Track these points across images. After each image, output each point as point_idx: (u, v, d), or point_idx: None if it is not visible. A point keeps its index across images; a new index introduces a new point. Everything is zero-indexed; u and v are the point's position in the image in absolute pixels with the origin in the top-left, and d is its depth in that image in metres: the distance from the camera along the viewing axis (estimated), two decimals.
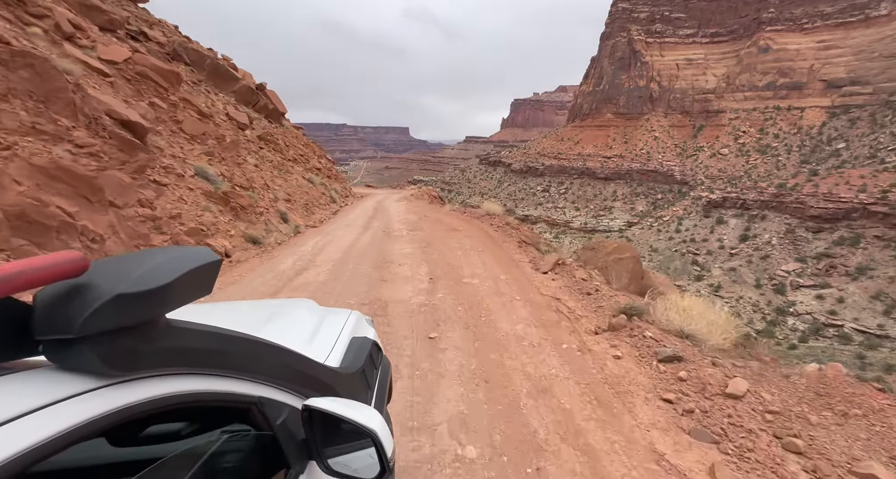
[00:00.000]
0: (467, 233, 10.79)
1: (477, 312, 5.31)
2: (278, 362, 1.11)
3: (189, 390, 0.81)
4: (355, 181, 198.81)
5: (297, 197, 14.39)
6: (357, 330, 1.96)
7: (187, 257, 0.77)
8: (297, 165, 19.69)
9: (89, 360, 0.64)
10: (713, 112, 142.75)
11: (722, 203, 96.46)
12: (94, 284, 0.66)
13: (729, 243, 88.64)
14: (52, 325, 0.63)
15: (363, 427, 1.00)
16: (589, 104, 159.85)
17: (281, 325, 1.76)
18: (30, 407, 0.57)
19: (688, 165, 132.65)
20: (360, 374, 1.60)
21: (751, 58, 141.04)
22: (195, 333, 0.84)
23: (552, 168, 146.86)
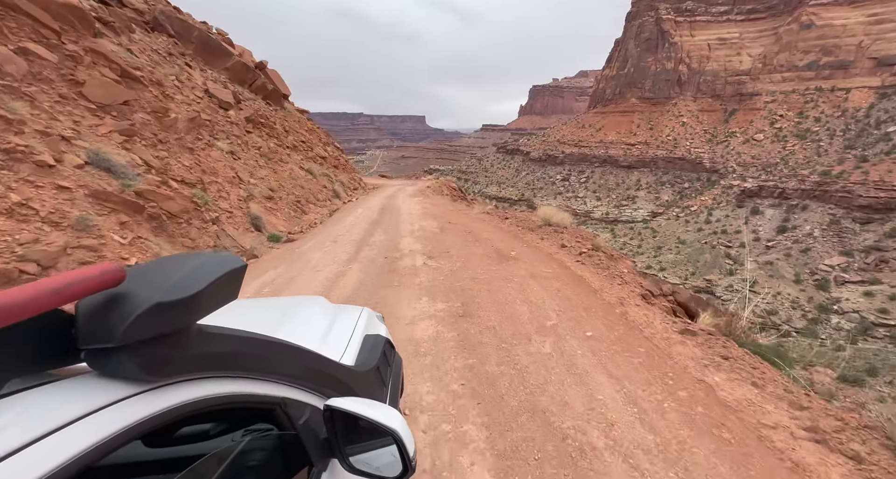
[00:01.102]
0: (532, 268, 6.52)
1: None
2: (300, 363, 1.14)
3: (219, 393, 0.83)
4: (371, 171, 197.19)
5: (287, 193, 11.25)
6: (369, 327, 1.94)
7: (215, 263, 0.78)
8: (295, 154, 16.53)
9: (129, 368, 0.67)
10: (747, 95, 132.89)
11: (758, 192, 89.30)
12: (131, 293, 0.68)
13: (765, 235, 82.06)
14: (94, 334, 0.66)
15: (385, 427, 1.01)
16: (612, 89, 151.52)
17: (295, 324, 1.76)
18: (81, 412, 0.60)
19: (718, 151, 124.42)
20: (374, 372, 1.59)
21: (791, 35, 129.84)
22: (224, 337, 0.87)
23: (572, 156, 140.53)
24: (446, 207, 14.52)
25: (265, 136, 15.08)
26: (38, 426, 0.54)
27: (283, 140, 16.77)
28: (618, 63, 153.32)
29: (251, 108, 15.40)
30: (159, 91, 7.79)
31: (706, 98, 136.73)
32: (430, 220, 11.08)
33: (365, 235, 8.99)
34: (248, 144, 12.25)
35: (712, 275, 77.97)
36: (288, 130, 18.51)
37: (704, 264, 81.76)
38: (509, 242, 8.44)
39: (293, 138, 18.17)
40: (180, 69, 13.10)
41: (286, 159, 14.56)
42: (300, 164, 15.39)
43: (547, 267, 6.73)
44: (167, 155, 6.67)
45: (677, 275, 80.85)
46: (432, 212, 12.70)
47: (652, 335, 4.20)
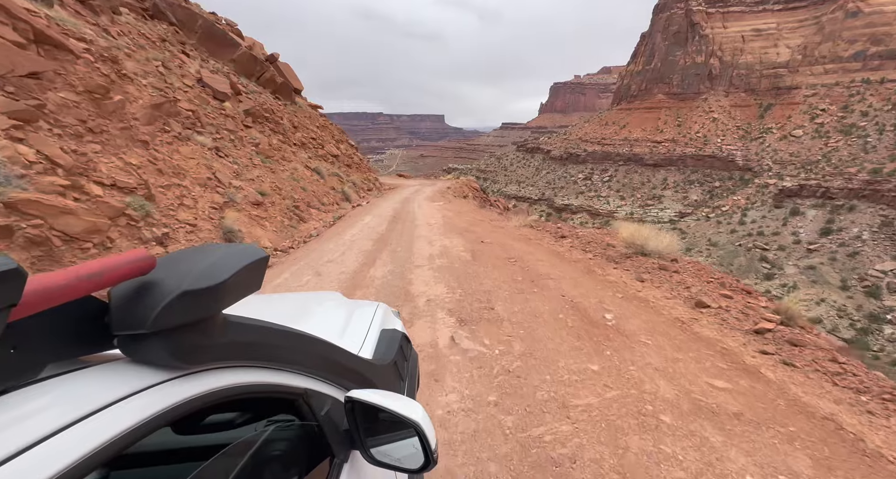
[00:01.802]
0: (677, 370, 3.42)
1: None
2: (322, 354, 1.14)
3: (244, 382, 0.84)
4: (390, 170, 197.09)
5: (283, 197, 9.38)
6: (386, 322, 1.94)
7: (239, 253, 0.79)
8: (303, 151, 14.70)
9: (160, 354, 0.68)
10: (784, 89, 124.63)
11: (798, 192, 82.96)
12: (160, 281, 0.69)
13: (806, 238, 75.97)
14: (126, 321, 0.67)
15: (407, 419, 1.01)
16: (637, 85, 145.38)
17: (313, 317, 1.77)
18: (116, 397, 0.61)
19: (752, 149, 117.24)
20: (392, 366, 1.60)
21: (835, 24, 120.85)
22: (249, 327, 0.88)
23: (595, 154, 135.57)
24: (473, 215, 11.86)
25: (269, 131, 13.31)
26: (75, 409, 0.55)
27: (290, 136, 14.99)
28: (644, 58, 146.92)
29: (254, 101, 13.68)
30: (111, 69, 6.00)
31: (739, 93, 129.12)
32: (455, 236, 8.35)
33: (363, 264, 6.37)
34: (243, 139, 10.46)
35: (747, 279, 72.64)
36: (297, 125, 16.77)
37: (739, 267, 76.37)
38: (588, 286, 5.37)
39: (302, 135, 16.40)
40: (171, 56, 11.43)
41: (290, 157, 12.72)
42: (306, 162, 13.55)
43: (715, 375, 3.34)
44: (99, 149, 4.84)
45: None
46: (456, 223, 10.12)
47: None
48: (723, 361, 3.60)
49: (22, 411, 0.52)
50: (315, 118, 19.61)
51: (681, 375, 3.33)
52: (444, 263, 6.45)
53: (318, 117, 20.03)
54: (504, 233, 9.05)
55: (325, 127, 20.18)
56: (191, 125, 8.24)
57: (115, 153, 5.05)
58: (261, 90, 16.53)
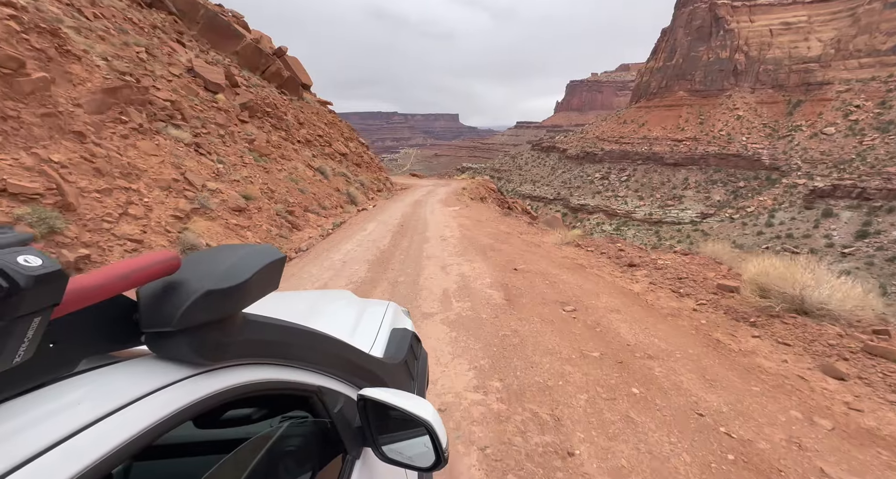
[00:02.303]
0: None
1: None
2: (335, 353, 1.16)
3: (261, 379, 0.86)
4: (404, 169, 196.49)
5: (276, 201, 8.03)
6: (396, 321, 1.95)
7: (259, 254, 0.81)
8: (307, 149, 13.39)
9: (184, 351, 0.71)
10: (815, 84, 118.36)
11: (831, 192, 78.09)
12: (185, 281, 0.71)
13: (840, 241, 71.36)
14: (154, 319, 0.69)
15: (418, 418, 1.02)
16: (658, 82, 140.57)
17: (324, 316, 1.77)
18: (145, 391, 0.64)
19: (780, 147, 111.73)
20: (403, 365, 1.60)
21: (872, 16, 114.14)
22: (267, 326, 0.90)
23: (612, 153, 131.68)
24: (496, 225, 9.95)
25: (269, 127, 12.03)
26: (107, 403, 0.58)
27: (294, 133, 13.68)
28: (664, 54, 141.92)
29: (255, 95, 12.40)
30: (49, 42, 4.68)
31: (766, 89, 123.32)
32: (477, 257, 6.51)
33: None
34: (234, 135, 9.15)
35: None
36: (302, 122, 15.48)
37: None
38: (731, 383, 3.08)
39: (307, 132, 15.10)
40: (160, 43, 10.19)
41: (291, 156, 11.39)
42: (309, 161, 12.21)
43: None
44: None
45: None
46: (476, 236, 8.25)
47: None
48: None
49: (60, 403, 0.55)
50: (323, 115, 18.31)
51: None
52: (465, 309, 4.42)
53: (326, 114, 18.74)
54: (542, 254, 6.87)
55: (334, 124, 18.86)
56: (166, 117, 6.94)
57: (26, 147, 3.74)
58: (264, 84, 15.28)
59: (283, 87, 17.14)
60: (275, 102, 13.84)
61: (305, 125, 15.61)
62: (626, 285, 5.31)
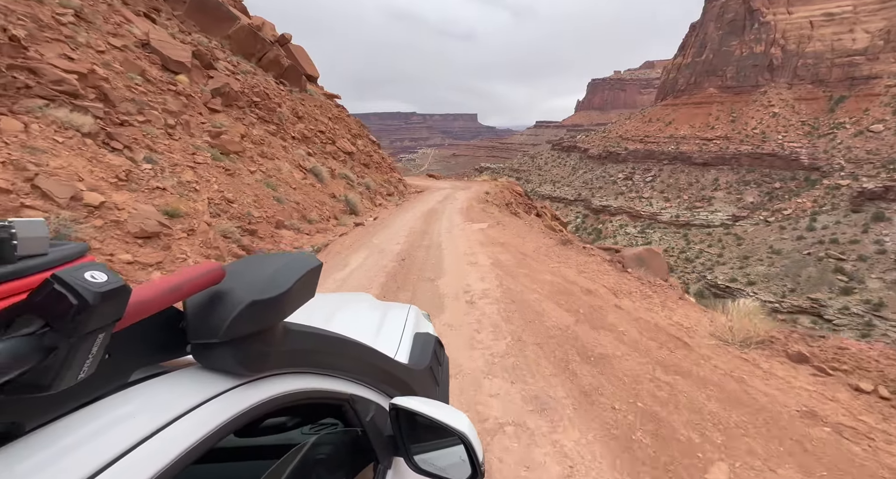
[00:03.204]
0: None
1: None
2: (365, 360, 1.15)
3: (300, 389, 0.85)
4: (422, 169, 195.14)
5: (226, 216, 5.69)
6: (419, 326, 1.90)
7: (297, 262, 0.80)
8: (302, 146, 11.10)
9: (229, 362, 0.70)
10: (861, 79, 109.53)
11: (882, 194, 71.18)
12: (230, 291, 0.71)
13: (894, 247, 64.65)
14: (200, 330, 0.69)
15: (454, 429, 0.99)
16: (686, 78, 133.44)
17: (348, 321, 1.73)
18: (196, 402, 0.64)
19: (820, 146, 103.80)
20: (428, 370, 1.57)
21: None
22: (305, 335, 0.90)
23: (637, 153, 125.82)
24: (557, 265, 6.29)
25: (254, 119, 9.74)
26: (161, 415, 0.58)
27: (288, 128, 11.38)
28: (693, 49, 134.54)
29: (241, 81, 10.13)
30: None
31: (805, 84, 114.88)
32: (565, 402, 3.03)
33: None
34: (190, 125, 6.89)
35: (819, 293, 62.86)
36: (301, 115, 13.18)
37: (808, 279, 66.40)
38: None
39: (305, 127, 12.79)
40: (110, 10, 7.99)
41: (276, 154, 9.05)
42: (302, 161, 9.87)
43: None
44: None
45: (771, 291, 66.48)
46: (531, 298, 4.78)
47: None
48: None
49: (115, 415, 0.55)
50: (328, 109, 16.01)
51: None
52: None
53: (332, 108, 16.44)
54: (724, 390, 3.20)
55: (340, 119, 16.54)
56: (59, 94, 4.64)
57: None
58: (256, 71, 13.03)
59: (282, 76, 14.93)
60: (266, 92, 11.57)
61: (305, 119, 13.32)
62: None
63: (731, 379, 3.37)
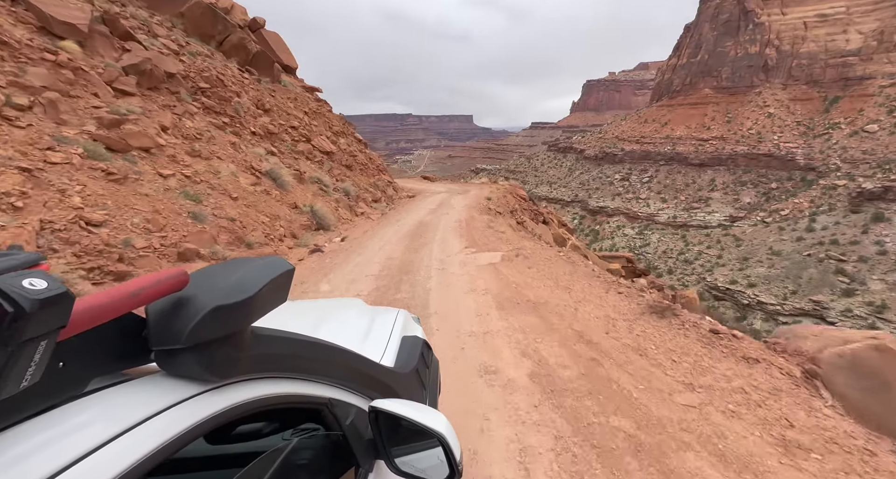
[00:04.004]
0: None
1: None
2: (346, 364, 1.14)
3: (272, 394, 0.84)
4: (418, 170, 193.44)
5: (77, 251, 3.28)
6: (407, 329, 1.90)
7: (266, 267, 0.79)
8: (263, 144, 8.91)
9: (194, 368, 0.69)
10: (854, 79, 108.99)
11: (882, 195, 70.03)
12: (193, 297, 0.70)
13: (894, 248, 63.40)
14: (163, 336, 0.68)
15: (431, 430, 0.99)
16: (681, 79, 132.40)
17: (335, 325, 1.73)
18: (156, 409, 0.62)
19: (816, 146, 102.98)
20: (414, 373, 1.57)
21: None
22: (277, 339, 0.89)
23: (633, 154, 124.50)
24: (638, 338, 3.78)
25: (197, 109, 7.59)
26: (117, 423, 0.57)
27: (248, 121, 9.19)
28: (689, 50, 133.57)
29: (180, 62, 7.88)
30: None
31: (799, 85, 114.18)
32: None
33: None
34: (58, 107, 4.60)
35: (821, 295, 61.48)
36: (268, 108, 10.98)
37: (809, 281, 65.01)
38: None
39: (272, 121, 10.58)
40: None
41: (219, 153, 6.90)
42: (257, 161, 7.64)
43: None
44: None
45: (772, 293, 65.04)
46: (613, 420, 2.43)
47: None
48: None
49: (69, 425, 0.54)
50: (305, 103, 13.79)
51: None
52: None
53: (309, 102, 14.21)
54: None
55: (319, 115, 14.32)
56: None
57: None
58: (213, 55, 10.78)
59: (249, 64, 12.69)
60: (221, 78, 9.36)
61: (273, 113, 11.10)
62: None
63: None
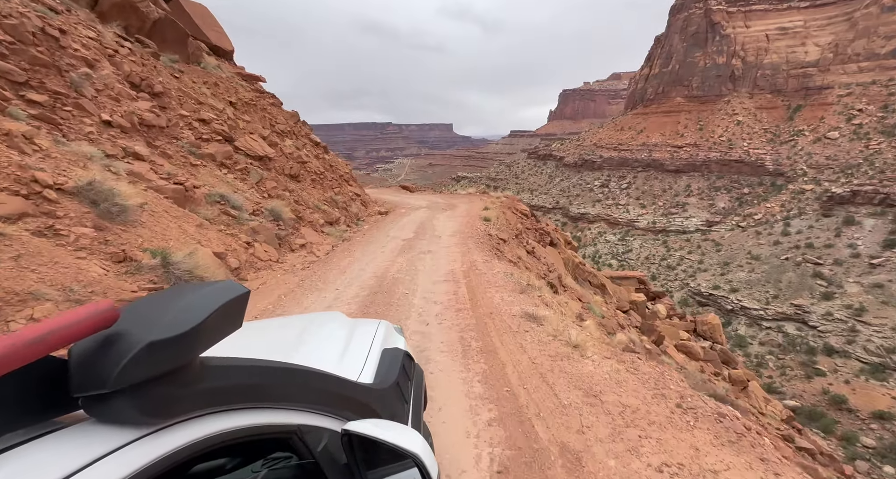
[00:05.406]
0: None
1: None
2: (316, 387, 1.05)
3: (229, 428, 0.77)
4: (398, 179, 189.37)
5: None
6: (387, 341, 1.81)
7: (215, 293, 0.72)
8: (112, 141, 4.84)
9: (127, 412, 0.62)
10: (815, 89, 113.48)
11: (851, 199, 71.35)
12: (125, 333, 0.63)
13: (866, 251, 64.29)
14: (86, 381, 0.61)
15: (405, 451, 0.95)
16: (654, 88, 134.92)
17: (313, 343, 1.62)
18: (78, 465, 0.55)
19: (783, 152, 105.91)
20: (395, 387, 1.47)
21: (870, 20, 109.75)
22: (231, 369, 0.80)
23: (612, 161, 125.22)
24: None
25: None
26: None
27: (101, 104, 5.38)
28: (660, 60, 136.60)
29: None
30: None
31: (765, 94, 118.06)
32: None
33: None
34: None
35: (801, 299, 61.33)
36: (158, 91, 7.31)
37: (789, 285, 64.99)
38: None
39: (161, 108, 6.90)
40: None
41: None
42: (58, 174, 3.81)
43: None
44: None
45: (755, 298, 64.59)
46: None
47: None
48: None
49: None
50: (232, 91, 10.11)
51: None
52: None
53: (240, 90, 10.52)
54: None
55: (255, 108, 10.64)
56: None
57: None
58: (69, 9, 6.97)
59: (149, 34, 8.94)
60: (55, 36, 5.61)
61: (166, 98, 7.40)
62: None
63: None
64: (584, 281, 12.27)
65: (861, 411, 41.45)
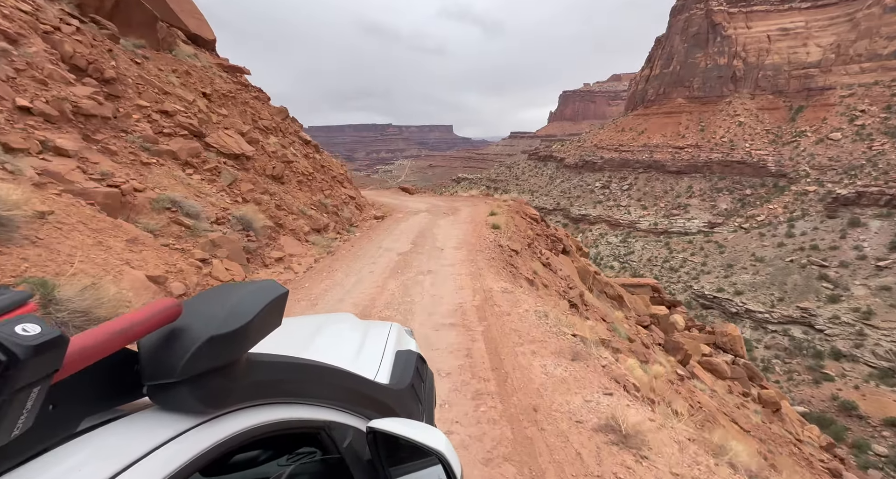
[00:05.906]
0: None
1: None
2: (342, 385, 1.10)
3: (270, 420, 0.82)
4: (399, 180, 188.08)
5: None
6: (400, 343, 1.84)
7: (260, 292, 0.77)
8: (27, 133, 3.53)
9: (188, 401, 0.66)
10: (816, 90, 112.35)
11: (856, 200, 70.21)
12: (187, 328, 0.68)
13: (873, 253, 63.05)
14: (156, 370, 0.66)
15: (430, 449, 0.97)
16: (655, 89, 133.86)
17: (327, 343, 1.66)
18: (150, 447, 0.60)
19: (785, 153, 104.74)
20: (410, 389, 1.50)
21: (872, 20, 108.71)
22: (272, 365, 0.86)
23: (613, 162, 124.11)
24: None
25: None
26: (110, 465, 0.54)
27: (20, 86, 4.17)
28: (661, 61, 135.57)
29: None
30: None
31: (766, 95, 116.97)
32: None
33: None
34: None
35: (807, 302, 60.09)
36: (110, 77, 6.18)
37: (794, 287, 63.73)
38: None
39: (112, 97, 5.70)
40: None
41: None
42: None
43: None
44: None
45: (760, 301, 63.33)
46: None
47: None
48: None
49: (61, 469, 0.51)
50: (207, 81, 8.98)
51: None
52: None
53: (217, 81, 9.38)
54: None
55: (234, 101, 9.50)
56: None
57: None
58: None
59: (110, 15, 7.80)
60: None
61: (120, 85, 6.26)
62: None
63: None
64: (599, 292, 11.08)
65: (872, 417, 40.25)
